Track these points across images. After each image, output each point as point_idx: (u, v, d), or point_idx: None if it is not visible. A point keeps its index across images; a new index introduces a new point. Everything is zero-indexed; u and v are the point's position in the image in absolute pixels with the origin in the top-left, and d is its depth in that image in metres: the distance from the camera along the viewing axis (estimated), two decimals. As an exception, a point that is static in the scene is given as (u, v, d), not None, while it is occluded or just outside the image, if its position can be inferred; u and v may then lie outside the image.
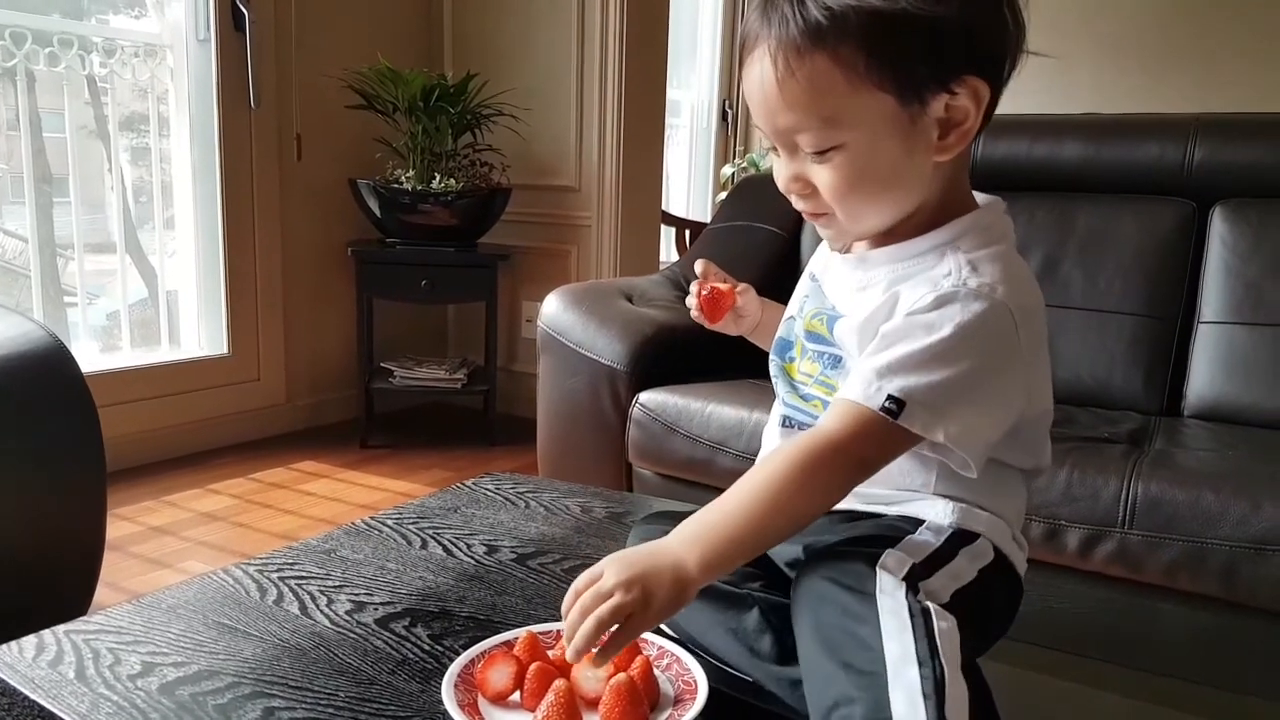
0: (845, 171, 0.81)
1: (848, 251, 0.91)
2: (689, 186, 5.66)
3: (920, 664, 0.69)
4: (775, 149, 0.86)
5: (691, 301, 1.07)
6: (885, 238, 0.87)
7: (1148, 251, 2.03)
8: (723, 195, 3.52)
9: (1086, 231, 2.08)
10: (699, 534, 0.76)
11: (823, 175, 0.82)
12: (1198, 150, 2.04)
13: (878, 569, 0.76)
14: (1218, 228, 2.01)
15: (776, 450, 0.80)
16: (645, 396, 1.92)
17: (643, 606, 0.72)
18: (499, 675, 0.81)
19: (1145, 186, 2.10)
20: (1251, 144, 2.02)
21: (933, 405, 0.77)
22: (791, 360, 0.95)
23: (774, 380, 0.98)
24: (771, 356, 0.99)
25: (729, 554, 0.76)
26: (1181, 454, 1.63)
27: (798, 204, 0.87)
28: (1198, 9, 4.44)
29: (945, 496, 0.86)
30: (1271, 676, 1.41)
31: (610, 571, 0.73)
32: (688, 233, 4.68)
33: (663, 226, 4.04)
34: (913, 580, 0.76)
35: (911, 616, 0.72)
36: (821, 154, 0.81)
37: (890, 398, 0.77)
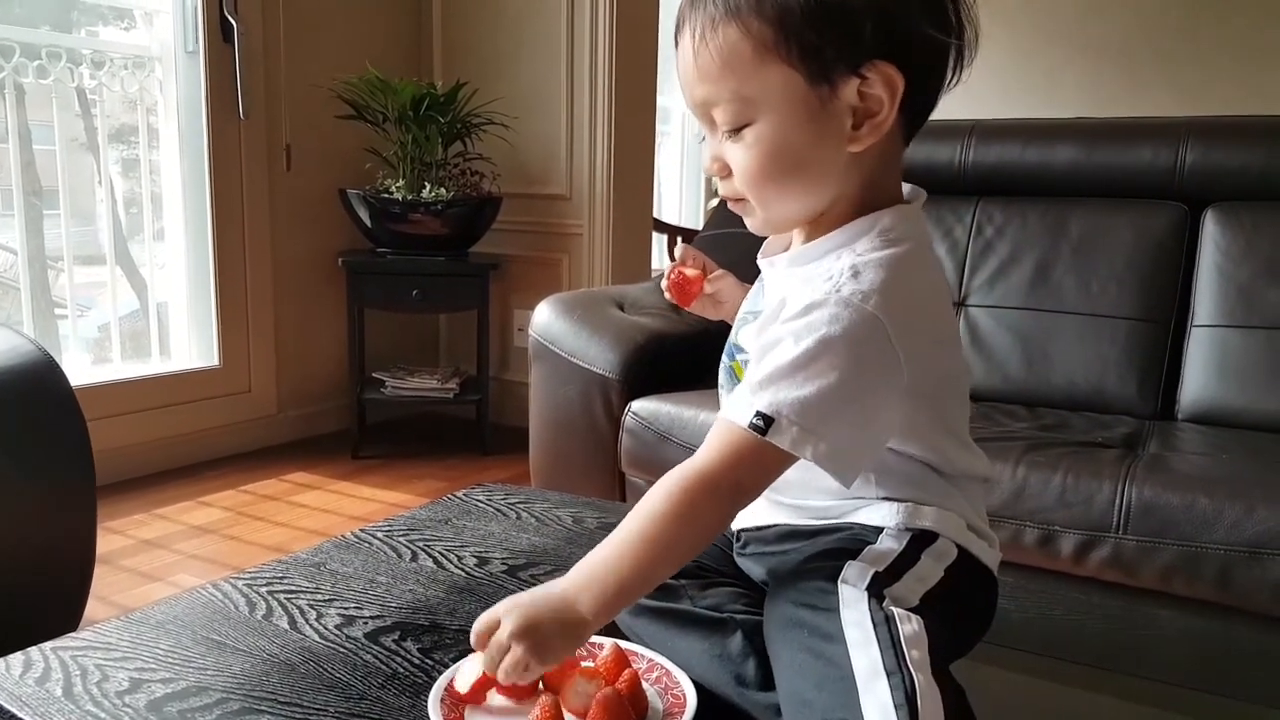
0: (756, 151, 0.81)
1: (786, 248, 0.90)
2: (680, 193, 5.67)
3: (889, 675, 0.69)
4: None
5: (663, 284, 1.08)
6: (805, 236, 0.87)
7: (1140, 255, 2.03)
8: (714, 202, 3.52)
9: (1079, 236, 2.08)
10: (590, 577, 0.76)
11: (736, 155, 0.82)
12: (1189, 154, 2.04)
13: (839, 583, 0.76)
14: (1210, 231, 2.01)
15: (658, 484, 0.78)
16: (638, 405, 1.92)
17: (538, 655, 0.73)
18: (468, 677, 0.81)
19: (1137, 190, 2.10)
20: (1243, 147, 2.03)
21: (800, 421, 0.75)
22: (745, 363, 0.94)
23: (720, 389, 0.96)
24: (723, 357, 0.97)
25: (618, 596, 0.76)
26: (1176, 458, 1.63)
27: (720, 189, 0.87)
28: (1186, 12, 4.45)
29: (889, 499, 0.85)
30: (1268, 681, 1.40)
31: (507, 622, 0.74)
32: (679, 240, 4.68)
33: (654, 234, 4.04)
34: (877, 588, 0.76)
35: (875, 626, 0.72)
36: (735, 132, 0.81)
37: (759, 413, 0.75)
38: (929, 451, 0.85)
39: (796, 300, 0.79)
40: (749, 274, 0.95)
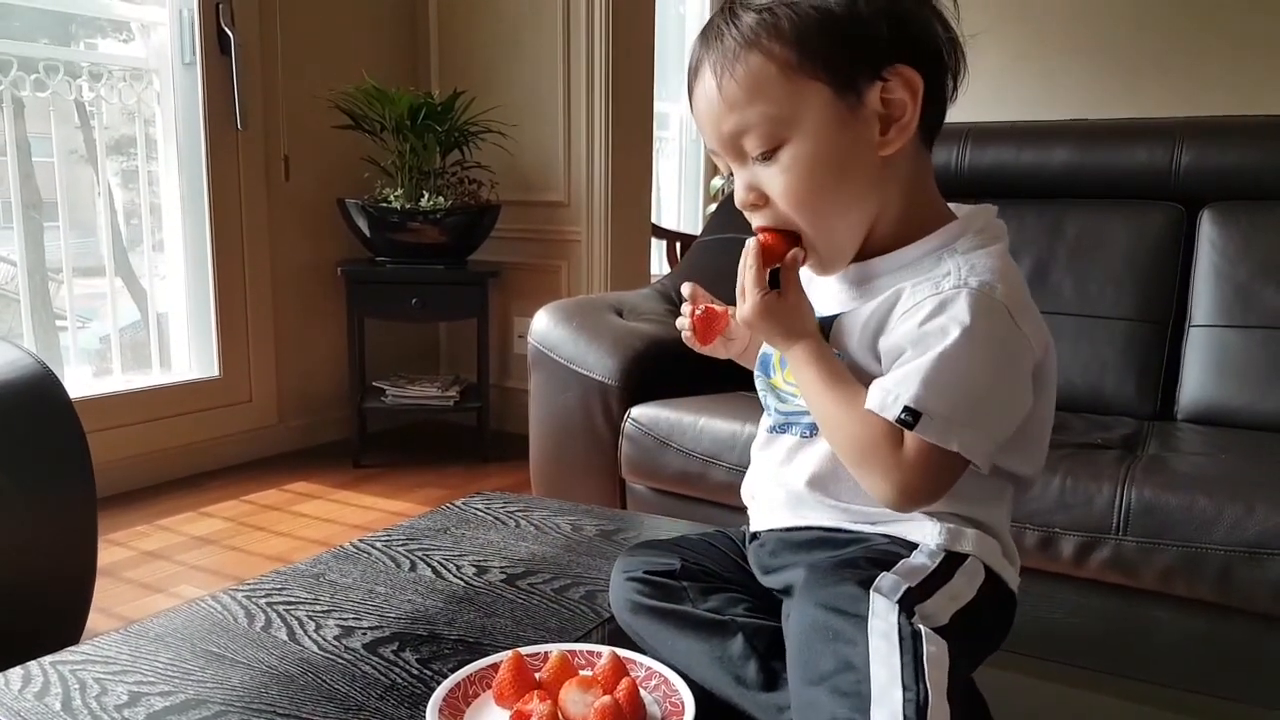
0: (794, 171, 0.82)
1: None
2: (679, 199, 5.66)
3: (905, 687, 0.69)
4: (731, 171, 0.87)
5: (684, 323, 1.00)
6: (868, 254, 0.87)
7: (1138, 256, 2.03)
8: (713, 207, 3.52)
9: (1076, 237, 2.08)
10: (822, 360, 0.84)
11: (774, 180, 0.83)
12: (1185, 154, 2.04)
13: (871, 592, 0.76)
14: (1207, 231, 2.01)
15: (861, 416, 0.81)
16: (637, 411, 1.92)
17: (751, 313, 0.86)
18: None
19: (1133, 191, 2.10)
20: (1238, 147, 2.03)
21: (946, 414, 0.77)
22: (773, 375, 0.94)
23: (762, 396, 0.97)
24: (756, 374, 0.98)
25: (802, 374, 0.86)
26: (1175, 458, 1.63)
27: (755, 220, 0.87)
28: (1181, 13, 4.46)
29: (932, 515, 0.85)
30: (1269, 682, 1.40)
31: (756, 317, 0.86)
32: (678, 245, 4.68)
33: (653, 240, 4.04)
34: (908, 604, 0.76)
35: (901, 640, 0.72)
36: (768, 156, 0.82)
37: (906, 409, 0.77)
38: (1013, 456, 0.86)
39: (915, 295, 0.81)
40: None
